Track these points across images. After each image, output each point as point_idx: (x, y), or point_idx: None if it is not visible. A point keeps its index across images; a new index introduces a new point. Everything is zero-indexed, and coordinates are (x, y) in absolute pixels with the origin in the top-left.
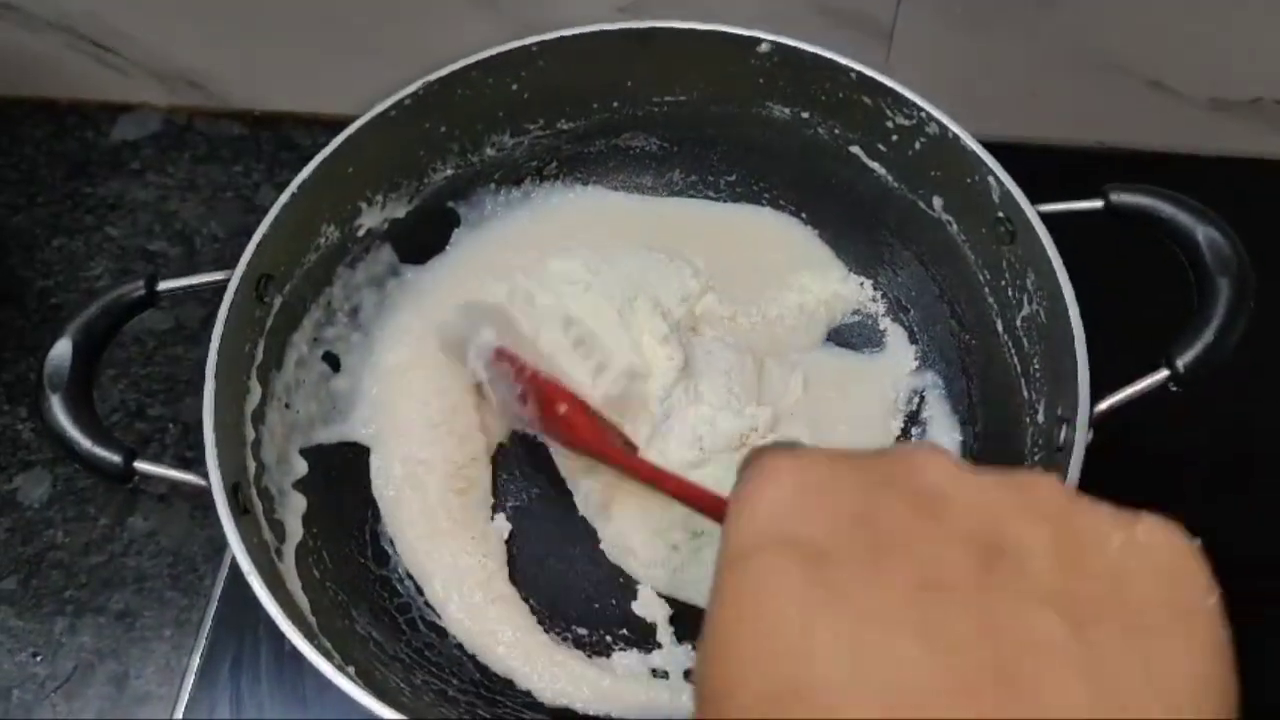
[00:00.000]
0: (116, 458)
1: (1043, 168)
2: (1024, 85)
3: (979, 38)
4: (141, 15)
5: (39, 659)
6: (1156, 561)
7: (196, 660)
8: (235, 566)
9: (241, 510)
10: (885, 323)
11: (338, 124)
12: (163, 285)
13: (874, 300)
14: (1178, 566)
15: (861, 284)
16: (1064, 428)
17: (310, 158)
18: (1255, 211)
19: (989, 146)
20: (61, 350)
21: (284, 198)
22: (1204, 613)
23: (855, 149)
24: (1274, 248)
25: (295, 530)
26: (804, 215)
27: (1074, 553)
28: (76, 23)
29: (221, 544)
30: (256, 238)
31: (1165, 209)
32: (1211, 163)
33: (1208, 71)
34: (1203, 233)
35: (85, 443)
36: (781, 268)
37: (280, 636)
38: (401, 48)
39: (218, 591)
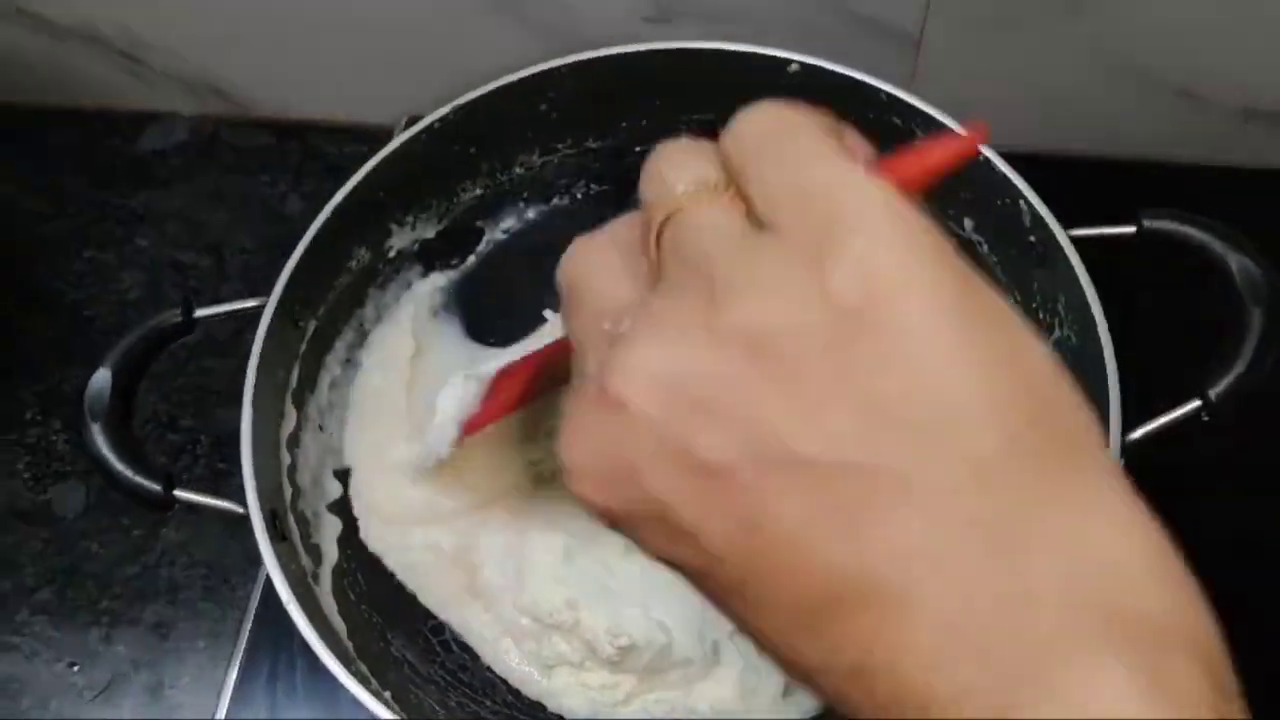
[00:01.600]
0: (157, 486)
1: (1072, 181)
2: (1053, 96)
3: (1006, 48)
4: (168, 24)
5: (76, 669)
6: None
7: (234, 673)
8: (270, 580)
9: (279, 537)
10: None
11: (364, 133)
12: (199, 312)
13: None
14: None
15: None
16: None
17: (337, 167)
18: None
19: (1018, 159)
20: (101, 379)
21: (316, 225)
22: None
23: None
24: None
25: (330, 553)
26: None
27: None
28: (103, 31)
29: (255, 556)
30: (290, 265)
31: (1196, 235)
32: (1246, 175)
33: (1239, 81)
34: (1235, 261)
35: (127, 472)
36: None
37: None
38: (427, 57)
39: (253, 604)
